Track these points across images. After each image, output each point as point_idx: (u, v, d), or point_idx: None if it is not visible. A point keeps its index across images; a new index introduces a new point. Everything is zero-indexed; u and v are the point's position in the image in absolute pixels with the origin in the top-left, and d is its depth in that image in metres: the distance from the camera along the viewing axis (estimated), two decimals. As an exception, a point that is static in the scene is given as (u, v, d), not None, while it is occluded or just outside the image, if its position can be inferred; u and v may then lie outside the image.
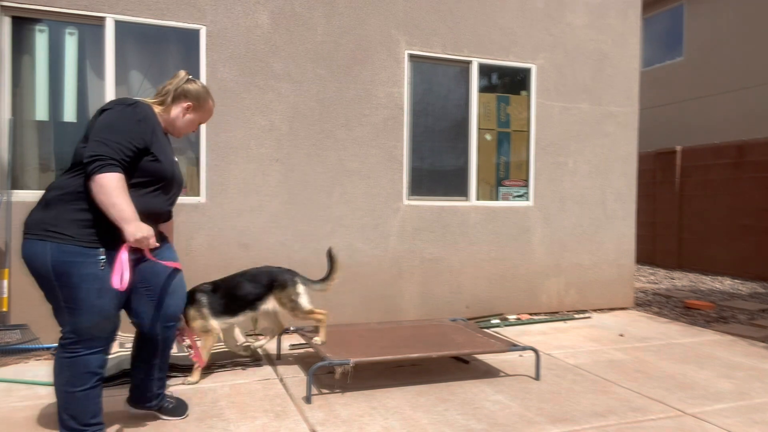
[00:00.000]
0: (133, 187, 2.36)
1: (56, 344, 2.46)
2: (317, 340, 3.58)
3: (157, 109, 2.59)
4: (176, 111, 2.64)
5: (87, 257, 2.28)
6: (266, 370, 3.70)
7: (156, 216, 2.52)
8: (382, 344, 3.65)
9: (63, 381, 2.36)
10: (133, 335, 2.77)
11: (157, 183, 2.47)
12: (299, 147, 4.77)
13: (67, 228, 2.27)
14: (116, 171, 2.24)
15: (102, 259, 2.30)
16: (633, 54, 5.97)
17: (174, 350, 3.82)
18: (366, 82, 4.95)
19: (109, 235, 2.31)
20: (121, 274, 2.27)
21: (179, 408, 2.88)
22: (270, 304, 3.57)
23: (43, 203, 2.33)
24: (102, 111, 2.38)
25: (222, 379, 3.49)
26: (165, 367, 2.80)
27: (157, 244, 2.44)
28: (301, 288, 3.58)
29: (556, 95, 5.67)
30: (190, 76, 2.69)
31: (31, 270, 2.29)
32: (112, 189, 2.20)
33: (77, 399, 2.36)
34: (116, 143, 2.26)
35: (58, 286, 2.27)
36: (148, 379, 2.75)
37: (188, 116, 2.68)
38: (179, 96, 2.63)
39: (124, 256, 2.30)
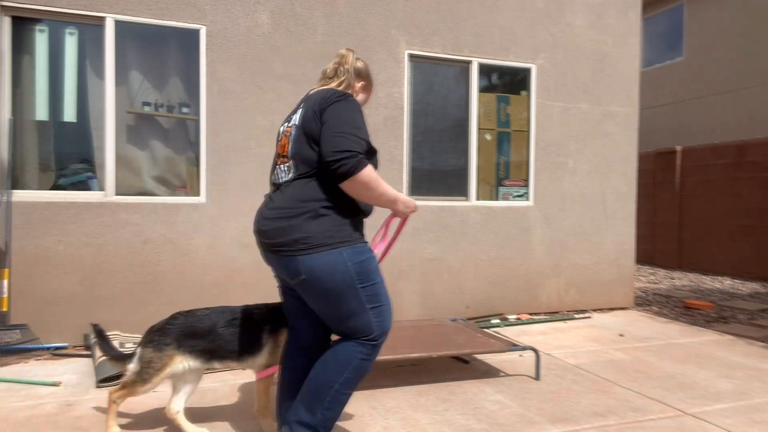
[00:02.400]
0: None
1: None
2: None
3: None
4: (351, 90, 2.44)
5: (369, 252, 2.24)
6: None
7: (368, 208, 2.37)
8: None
9: (344, 381, 2.20)
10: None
11: None
12: (299, 147, 4.76)
13: (346, 230, 2.20)
14: (367, 164, 2.13)
15: (372, 252, 2.28)
16: (633, 54, 5.97)
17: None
18: (366, 82, 4.95)
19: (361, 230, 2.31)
20: (381, 241, 2.38)
21: None
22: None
23: (312, 214, 2.16)
24: (323, 108, 2.20)
25: (222, 379, 3.49)
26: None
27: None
28: None
29: (556, 95, 5.67)
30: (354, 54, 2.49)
31: (326, 283, 2.13)
32: (374, 181, 2.14)
33: (343, 401, 2.22)
34: (356, 136, 2.13)
35: (360, 288, 2.18)
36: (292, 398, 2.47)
37: (361, 96, 2.52)
38: (356, 77, 2.46)
39: (390, 224, 2.41)
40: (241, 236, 4.61)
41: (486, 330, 4.35)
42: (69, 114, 4.30)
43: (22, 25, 4.16)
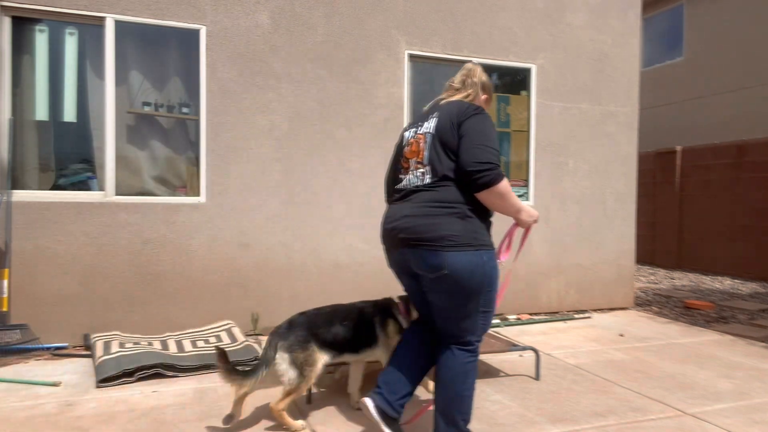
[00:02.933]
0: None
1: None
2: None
3: None
4: (478, 103, 2.59)
5: (496, 259, 2.44)
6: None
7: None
8: (382, 344, 3.64)
9: (468, 385, 2.40)
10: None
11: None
12: (299, 147, 4.76)
13: (486, 235, 2.42)
14: (504, 176, 2.32)
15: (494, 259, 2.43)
16: (633, 54, 5.97)
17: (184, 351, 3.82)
18: (366, 82, 4.95)
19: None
20: (506, 250, 2.54)
21: None
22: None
23: (460, 215, 2.33)
24: (461, 120, 2.36)
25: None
26: None
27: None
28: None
29: (556, 95, 5.67)
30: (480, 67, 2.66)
31: (463, 281, 2.30)
32: (508, 193, 2.34)
33: (470, 400, 2.42)
34: (494, 149, 2.32)
35: (486, 291, 2.36)
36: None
37: (483, 106, 2.60)
38: (480, 91, 2.61)
39: (514, 234, 2.59)
40: (241, 236, 4.61)
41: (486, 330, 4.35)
42: (69, 114, 4.30)
43: (22, 25, 4.16)
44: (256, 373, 2.61)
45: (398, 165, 2.62)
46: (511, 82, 5.57)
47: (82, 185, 4.31)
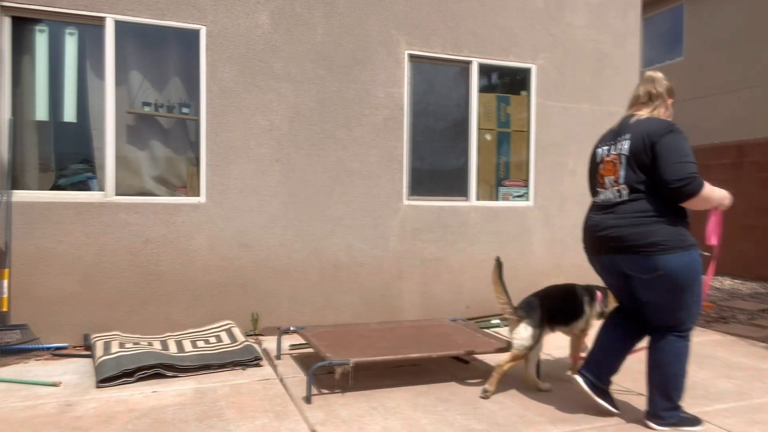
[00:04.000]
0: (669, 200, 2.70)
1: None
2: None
3: (648, 115, 2.84)
4: (664, 110, 2.87)
5: (697, 256, 2.74)
6: (266, 370, 3.71)
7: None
8: (382, 344, 3.64)
9: (682, 366, 2.78)
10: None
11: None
12: (299, 147, 4.77)
13: (689, 236, 2.71)
14: (704, 182, 2.64)
15: (699, 255, 2.72)
16: (633, 54, 5.97)
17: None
18: (366, 82, 4.95)
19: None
20: (714, 233, 2.77)
21: None
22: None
23: (665, 222, 2.68)
24: (653, 141, 2.68)
25: (222, 379, 3.49)
26: None
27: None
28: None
29: (556, 95, 5.67)
30: (658, 73, 2.93)
31: (680, 279, 2.67)
32: (711, 194, 2.67)
33: (683, 378, 2.79)
34: (690, 162, 2.63)
35: (697, 284, 2.72)
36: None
37: (668, 112, 2.91)
38: (666, 96, 2.88)
39: (715, 218, 2.79)
40: (241, 236, 4.61)
41: (486, 330, 4.35)
42: (69, 114, 4.30)
43: (22, 25, 4.16)
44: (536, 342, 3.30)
45: (595, 179, 3.01)
46: (511, 82, 5.57)
47: (82, 185, 4.31)
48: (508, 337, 4.52)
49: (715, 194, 2.69)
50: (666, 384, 2.77)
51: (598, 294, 3.56)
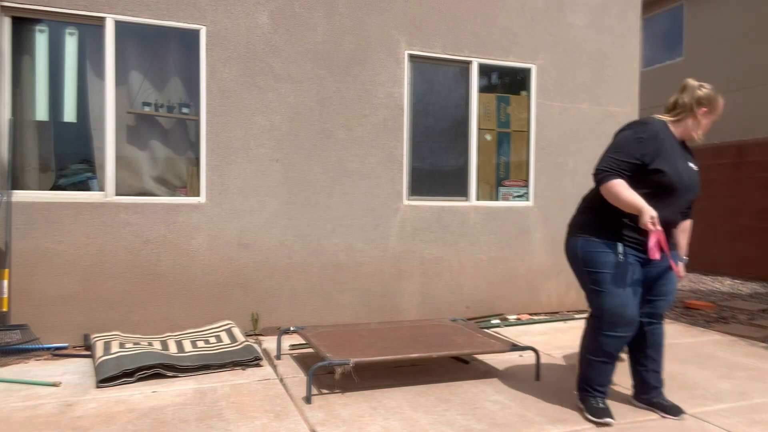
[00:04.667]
0: (643, 197, 2.75)
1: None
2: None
3: (672, 124, 2.92)
4: (693, 120, 2.91)
5: (602, 247, 2.84)
6: (266, 370, 3.71)
7: (663, 223, 2.83)
8: (382, 344, 3.64)
9: (590, 353, 2.92)
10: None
11: (659, 193, 2.78)
12: (299, 147, 4.77)
13: (596, 226, 2.86)
14: (614, 178, 2.73)
15: (620, 252, 2.81)
16: (633, 54, 5.97)
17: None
18: (366, 82, 4.95)
19: (626, 236, 2.83)
20: (654, 249, 2.67)
21: (674, 409, 2.97)
22: None
23: (582, 209, 2.97)
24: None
25: (222, 379, 3.49)
26: (656, 364, 3.03)
27: (657, 228, 2.69)
28: None
29: (556, 95, 5.67)
30: (697, 83, 2.94)
31: (574, 261, 2.93)
32: (616, 190, 2.71)
33: (593, 366, 2.92)
34: (613, 158, 2.76)
35: (588, 272, 2.87)
36: (644, 370, 3.04)
37: (704, 120, 2.93)
38: (695, 106, 2.90)
39: (655, 235, 2.67)
40: (241, 236, 4.61)
41: (486, 330, 4.35)
42: (69, 114, 4.30)
43: (22, 25, 4.16)
44: None
45: None
46: (511, 82, 5.57)
47: (82, 185, 4.31)
48: (508, 337, 4.53)
49: (622, 195, 2.69)
50: (581, 361, 2.99)
51: None
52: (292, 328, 4.05)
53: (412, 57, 5.13)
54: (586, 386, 2.96)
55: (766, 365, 3.94)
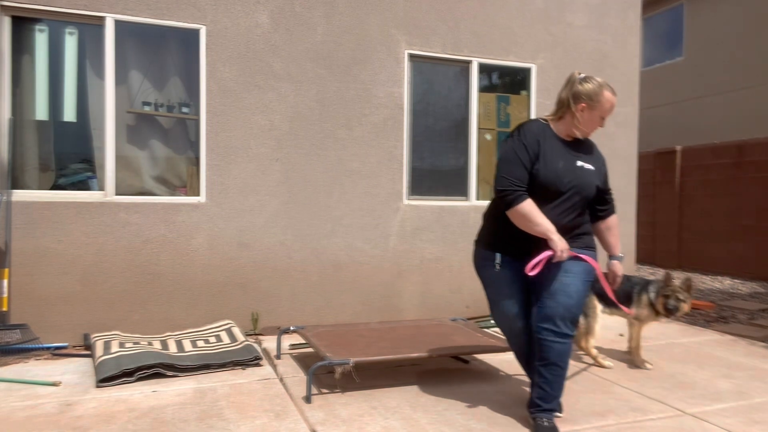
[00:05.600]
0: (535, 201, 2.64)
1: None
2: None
3: (553, 122, 2.79)
4: (570, 116, 2.73)
5: (488, 259, 2.83)
6: (266, 369, 3.71)
7: (557, 228, 2.63)
8: (382, 344, 3.64)
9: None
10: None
11: (542, 195, 2.64)
12: (299, 147, 4.77)
13: (490, 236, 2.84)
14: (522, 200, 2.60)
15: (497, 262, 2.77)
16: (633, 54, 5.97)
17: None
18: (366, 81, 4.95)
19: (506, 245, 2.76)
20: (534, 265, 2.60)
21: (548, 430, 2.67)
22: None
23: (491, 219, 2.88)
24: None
25: (222, 379, 3.49)
26: (543, 380, 2.73)
27: (565, 257, 2.60)
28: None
29: (556, 95, 5.65)
30: (581, 76, 2.73)
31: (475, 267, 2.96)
32: (526, 213, 2.58)
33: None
34: (509, 175, 2.62)
35: (483, 282, 2.91)
36: (532, 382, 2.85)
37: (584, 116, 2.72)
38: (572, 101, 2.72)
39: (544, 254, 2.60)
40: (241, 236, 4.61)
41: (486, 330, 4.35)
42: (69, 114, 4.30)
43: (22, 25, 4.16)
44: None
45: None
46: (511, 81, 5.57)
47: (82, 185, 4.31)
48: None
49: (533, 220, 2.56)
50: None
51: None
52: (291, 328, 4.05)
53: (412, 56, 5.13)
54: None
55: (766, 365, 3.94)
